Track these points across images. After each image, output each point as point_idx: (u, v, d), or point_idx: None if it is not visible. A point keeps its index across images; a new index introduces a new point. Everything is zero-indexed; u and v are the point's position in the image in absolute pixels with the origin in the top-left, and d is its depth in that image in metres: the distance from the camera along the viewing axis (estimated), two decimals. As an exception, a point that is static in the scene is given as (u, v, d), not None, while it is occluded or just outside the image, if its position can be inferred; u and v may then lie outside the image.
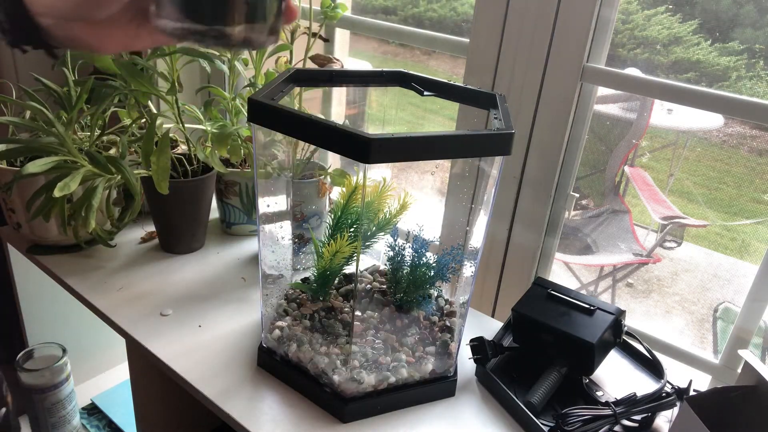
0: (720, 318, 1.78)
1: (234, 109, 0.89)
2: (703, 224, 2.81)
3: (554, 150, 0.81)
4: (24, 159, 0.86)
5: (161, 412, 0.85)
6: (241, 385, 0.67)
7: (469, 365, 0.73)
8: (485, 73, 0.83)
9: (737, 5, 2.62)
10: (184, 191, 0.86)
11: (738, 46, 2.77)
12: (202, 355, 0.72)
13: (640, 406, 0.65)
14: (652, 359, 0.74)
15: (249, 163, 0.92)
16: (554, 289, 0.74)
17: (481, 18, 0.82)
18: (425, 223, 0.70)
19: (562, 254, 2.26)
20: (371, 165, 0.51)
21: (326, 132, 0.50)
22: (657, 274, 2.61)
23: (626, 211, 2.41)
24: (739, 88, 2.80)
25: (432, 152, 0.51)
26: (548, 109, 0.80)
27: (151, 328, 0.75)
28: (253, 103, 0.54)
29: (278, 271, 0.74)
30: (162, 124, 0.81)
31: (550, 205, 0.84)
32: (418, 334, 0.70)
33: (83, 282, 0.83)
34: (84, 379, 1.19)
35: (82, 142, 0.85)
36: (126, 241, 0.93)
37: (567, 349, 0.69)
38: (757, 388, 0.58)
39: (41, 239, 0.88)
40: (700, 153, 3.25)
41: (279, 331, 0.70)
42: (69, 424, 1.04)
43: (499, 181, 0.61)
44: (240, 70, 0.88)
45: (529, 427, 0.64)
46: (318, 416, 0.64)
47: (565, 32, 0.75)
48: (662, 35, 2.88)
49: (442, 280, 0.71)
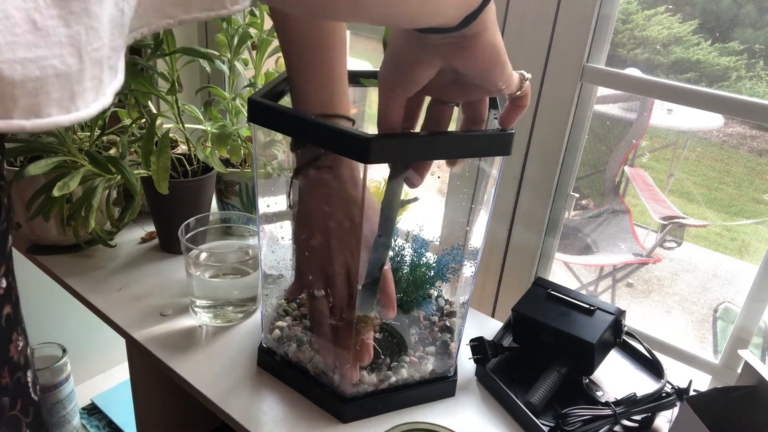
0: (720, 318, 1.78)
1: (234, 109, 0.89)
2: (703, 224, 2.81)
3: (554, 150, 0.81)
4: (24, 159, 0.86)
5: (161, 412, 0.85)
6: (241, 385, 0.67)
7: (469, 365, 0.73)
8: (485, 73, 0.83)
9: (737, 5, 2.62)
10: (184, 191, 0.86)
11: (738, 46, 2.77)
12: (202, 355, 0.72)
13: (640, 406, 0.65)
14: (652, 359, 0.74)
15: (249, 163, 0.92)
16: (554, 289, 0.74)
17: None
18: (425, 223, 0.70)
19: (562, 254, 2.26)
20: (371, 165, 0.51)
21: (326, 132, 0.50)
22: (657, 274, 2.61)
23: (626, 211, 2.42)
24: (739, 88, 2.80)
25: (432, 152, 0.51)
26: (548, 109, 0.80)
27: (151, 328, 0.75)
28: (253, 103, 0.54)
29: (278, 271, 0.74)
30: (162, 124, 0.81)
31: (550, 205, 0.84)
32: (418, 334, 0.70)
33: (83, 282, 0.83)
34: (84, 379, 1.19)
35: (82, 142, 0.85)
36: (126, 241, 0.93)
37: (567, 349, 0.69)
38: (757, 388, 0.58)
39: (41, 239, 0.88)
40: (700, 153, 3.25)
41: (279, 331, 0.70)
42: (69, 424, 1.04)
43: (499, 181, 0.61)
44: (240, 70, 0.88)
45: (529, 427, 0.64)
46: (318, 416, 0.64)
47: (565, 32, 0.75)
48: (662, 35, 2.88)
49: (442, 281, 0.71)
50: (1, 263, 0.34)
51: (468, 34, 0.40)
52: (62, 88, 0.23)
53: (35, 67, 0.22)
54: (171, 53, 0.80)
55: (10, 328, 0.35)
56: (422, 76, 0.44)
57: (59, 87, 0.23)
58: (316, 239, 0.58)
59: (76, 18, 0.23)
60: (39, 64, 0.22)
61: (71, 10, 0.23)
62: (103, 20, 0.24)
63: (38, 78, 0.22)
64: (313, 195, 0.58)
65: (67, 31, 0.23)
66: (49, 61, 0.23)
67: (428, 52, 0.43)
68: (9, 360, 0.35)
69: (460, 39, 0.41)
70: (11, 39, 0.21)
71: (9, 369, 0.35)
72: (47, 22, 0.22)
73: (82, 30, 0.23)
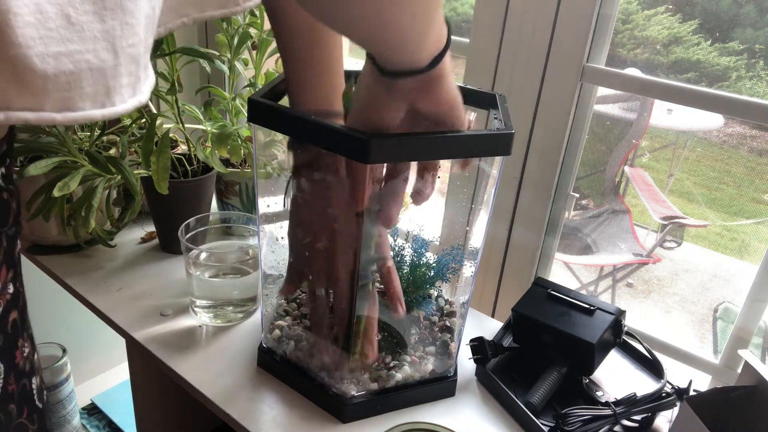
0: (720, 318, 1.78)
1: (234, 109, 0.89)
2: (703, 224, 2.81)
3: (554, 150, 0.81)
4: (24, 159, 0.86)
5: (161, 412, 0.85)
6: (241, 386, 0.67)
7: (469, 365, 0.73)
8: (485, 73, 0.83)
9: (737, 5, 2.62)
10: (184, 191, 0.86)
11: (738, 46, 2.77)
12: (202, 355, 0.72)
13: (640, 406, 0.65)
14: (652, 359, 0.74)
15: (249, 163, 0.92)
16: (554, 289, 0.74)
17: (480, 18, 0.82)
18: (425, 223, 0.70)
19: (562, 254, 2.26)
20: (371, 165, 0.51)
21: (326, 132, 0.50)
22: (657, 274, 2.61)
23: (626, 211, 2.42)
24: (739, 88, 2.80)
25: (432, 152, 0.51)
26: (548, 109, 0.80)
27: (151, 328, 0.75)
28: (253, 103, 0.54)
29: (278, 271, 0.74)
30: (162, 124, 0.81)
31: (550, 205, 0.84)
32: (418, 335, 0.70)
33: (83, 282, 0.83)
34: (84, 379, 1.19)
35: (82, 142, 0.85)
36: (126, 241, 0.93)
37: (567, 349, 0.69)
38: (757, 388, 0.58)
39: (41, 239, 0.88)
40: (700, 153, 3.25)
41: (279, 331, 0.70)
42: (69, 424, 1.04)
43: (499, 181, 0.61)
44: (240, 70, 0.88)
45: (529, 427, 0.64)
46: (318, 416, 0.64)
47: (565, 32, 0.75)
48: (662, 35, 2.88)
49: (442, 281, 0.71)
50: (9, 268, 0.34)
51: (433, 75, 0.43)
52: (96, 83, 0.23)
53: (69, 61, 0.22)
54: (171, 53, 0.80)
55: (16, 333, 0.35)
56: (391, 123, 0.47)
57: (93, 81, 0.23)
58: (315, 239, 0.58)
59: (111, 13, 0.23)
60: (73, 58, 0.22)
61: (106, 6, 0.23)
62: (139, 17, 0.24)
63: (72, 72, 0.22)
64: (313, 194, 0.58)
65: (102, 26, 0.23)
66: (83, 55, 0.23)
67: (396, 97, 0.45)
68: (15, 366, 0.35)
69: (426, 81, 0.43)
70: (45, 33, 0.21)
71: (15, 375, 0.35)
72: (81, 17, 0.22)
73: (117, 25, 0.23)
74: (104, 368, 1.21)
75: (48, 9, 0.21)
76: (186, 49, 0.80)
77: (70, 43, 0.22)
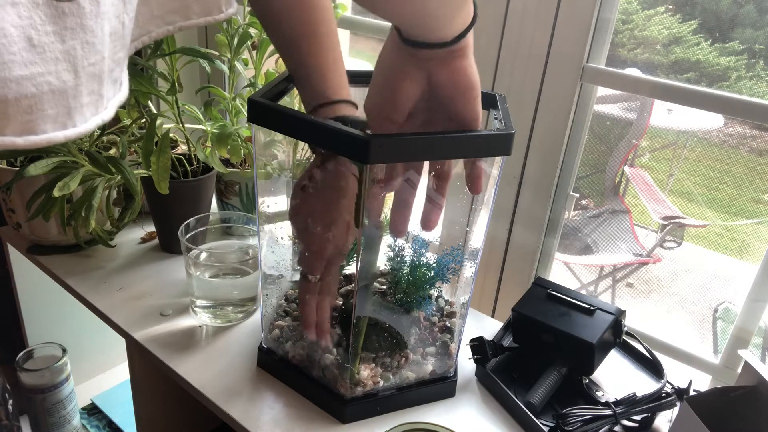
0: (720, 318, 1.78)
1: (234, 109, 0.89)
2: (703, 224, 2.81)
3: (554, 150, 0.81)
4: (24, 159, 0.86)
5: (161, 412, 0.85)
6: (241, 385, 0.67)
7: (469, 365, 0.73)
8: (485, 73, 0.83)
9: (737, 5, 2.62)
10: (184, 191, 0.86)
11: (738, 46, 2.77)
12: (202, 355, 0.72)
13: (640, 406, 0.65)
14: (652, 359, 0.74)
15: (249, 163, 0.92)
16: (554, 289, 0.74)
17: (480, 18, 0.81)
18: (425, 223, 0.70)
19: (562, 254, 2.26)
20: (371, 165, 0.51)
21: (326, 132, 0.50)
22: (657, 274, 2.61)
23: (626, 211, 2.42)
24: (739, 88, 2.80)
25: (432, 152, 0.51)
26: (548, 109, 0.80)
27: (151, 328, 0.75)
28: (253, 103, 0.54)
29: (278, 271, 0.74)
30: (162, 124, 0.81)
31: (550, 205, 0.84)
32: (417, 335, 0.70)
33: (83, 282, 0.83)
34: (84, 379, 1.19)
35: (82, 142, 0.85)
36: (126, 241, 0.93)
37: (567, 349, 0.69)
38: (757, 388, 0.58)
39: (41, 239, 0.88)
40: (700, 153, 3.25)
41: (279, 331, 0.70)
42: (69, 425, 1.04)
43: (499, 181, 0.61)
44: (240, 70, 0.88)
45: (529, 427, 0.64)
46: (318, 416, 0.64)
47: (565, 32, 0.75)
48: (662, 35, 2.88)
49: (442, 281, 0.71)
50: None
51: (455, 49, 0.43)
52: (58, 105, 0.23)
53: (31, 84, 0.22)
54: (171, 53, 0.80)
55: None
56: (409, 93, 0.47)
57: (55, 103, 0.23)
58: (325, 230, 0.59)
59: (71, 33, 0.23)
60: (34, 81, 0.22)
61: (66, 26, 0.22)
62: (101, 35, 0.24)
63: (33, 95, 0.22)
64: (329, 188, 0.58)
65: (63, 46, 0.23)
66: (45, 77, 0.22)
67: (416, 66, 0.45)
68: None
69: (449, 54, 0.44)
70: (8, 58, 0.21)
71: None
72: (43, 38, 0.22)
73: (78, 45, 0.23)
74: (104, 368, 1.21)
75: (12, 32, 0.21)
76: (186, 49, 0.80)
77: (33, 65, 0.22)
